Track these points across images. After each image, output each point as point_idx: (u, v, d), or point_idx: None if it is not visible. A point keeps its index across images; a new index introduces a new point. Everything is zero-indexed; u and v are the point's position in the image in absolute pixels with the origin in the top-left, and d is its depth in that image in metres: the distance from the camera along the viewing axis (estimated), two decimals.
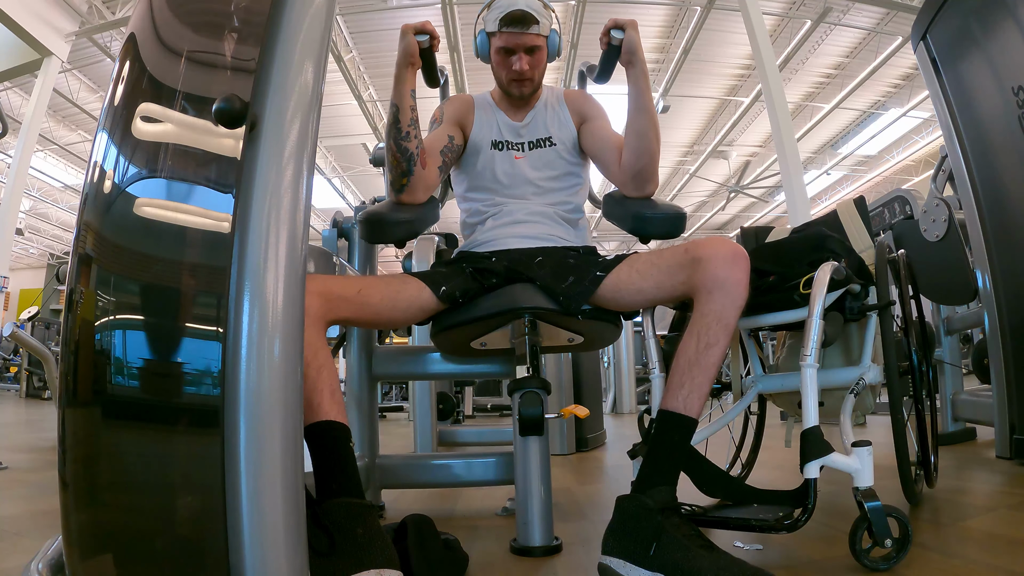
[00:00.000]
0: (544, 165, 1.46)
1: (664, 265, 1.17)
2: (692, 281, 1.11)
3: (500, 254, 1.36)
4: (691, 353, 1.07)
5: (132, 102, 0.81)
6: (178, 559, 0.68)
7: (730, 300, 1.07)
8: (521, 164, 1.46)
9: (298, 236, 0.70)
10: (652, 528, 0.96)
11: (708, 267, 1.08)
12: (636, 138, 1.33)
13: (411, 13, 7.65)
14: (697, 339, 1.07)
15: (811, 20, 7.68)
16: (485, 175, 1.46)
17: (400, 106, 1.28)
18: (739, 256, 1.08)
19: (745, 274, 1.08)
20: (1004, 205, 2.00)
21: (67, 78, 8.63)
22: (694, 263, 1.10)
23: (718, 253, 1.08)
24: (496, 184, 1.45)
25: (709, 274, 1.07)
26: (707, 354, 1.06)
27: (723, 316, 1.07)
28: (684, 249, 1.14)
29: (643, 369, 6.20)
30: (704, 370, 1.06)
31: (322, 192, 12.11)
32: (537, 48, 1.42)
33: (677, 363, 1.09)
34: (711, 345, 1.06)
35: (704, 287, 1.08)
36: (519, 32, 1.38)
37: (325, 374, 1.03)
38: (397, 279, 1.26)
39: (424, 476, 1.66)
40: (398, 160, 1.31)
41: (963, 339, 3.42)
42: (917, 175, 11.66)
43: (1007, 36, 1.88)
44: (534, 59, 1.43)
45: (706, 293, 1.08)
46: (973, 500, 1.59)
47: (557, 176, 1.47)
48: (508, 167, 1.46)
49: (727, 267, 1.07)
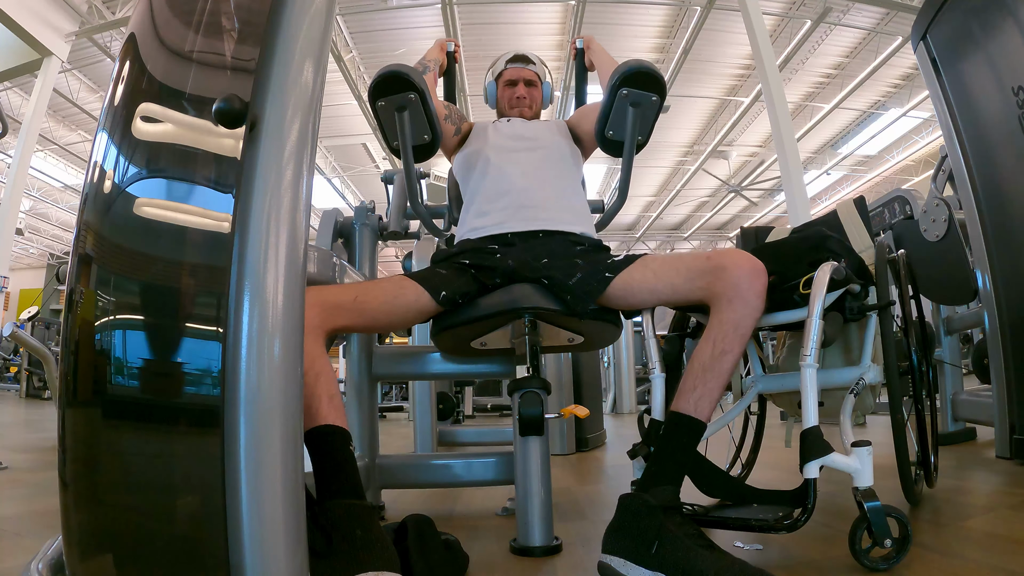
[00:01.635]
0: (543, 160, 1.52)
1: (683, 268, 1.19)
2: (713, 288, 1.12)
3: (504, 247, 1.35)
4: (706, 358, 1.09)
5: (132, 102, 0.81)
6: (178, 559, 0.68)
7: (749, 311, 1.09)
8: (521, 159, 1.51)
9: (298, 236, 0.70)
10: (654, 527, 0.96)
11: (731, 276, 1.10)
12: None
13: (411, 13, 7.65)
14: (713, 345, 1.09)
15: (811, 20, 7.68)
16: (487, 175, 1.49)
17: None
18: (760, 270, 1.11)
19: (764, 288, 1.11)
20: (1004, 205, 2.00)
21: (67, 78, 8.62)
22: (717, 271, 1.12)
23: (742, 264, 1.11)
24: (496, 174, 1.48)
25: (731, 283, 1.09)
26: (721, 360, 1.08)
27: (740, 325, 1.09)
28: (707, 256, 1.16)
29: (643, 369, 6.20)
30: (717, 376, 1.08)
31: (322, 192, 12.11)
32: (534, 83, 1.69)
33: (691, 367, 1.11)
34: (726, 352, 1.08)
35: (725, 295, 1.10)
36: (521, 66, 1.69)
37: (323, 380, 1.04)
38: (394, 283, 1.25)
39: (424, 476, 1.66)
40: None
41: (963, 339, 3.42)
42: (917, 175, 11.65)
43: (1007, 36, 1.88)
44: (531, 91, 1.68)
45: (727, 301, 1.10)
46: (973, 500, 1.59)
47: (556, 170, 1.52)
48: (508, 163, 1.50)
49: (750, 279, 1.09)
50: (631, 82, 1.31)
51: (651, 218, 14.86)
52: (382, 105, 1.32)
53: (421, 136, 1.38)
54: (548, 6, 7.64)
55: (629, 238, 15.66)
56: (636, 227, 15.61)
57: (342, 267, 1.42)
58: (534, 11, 7.74)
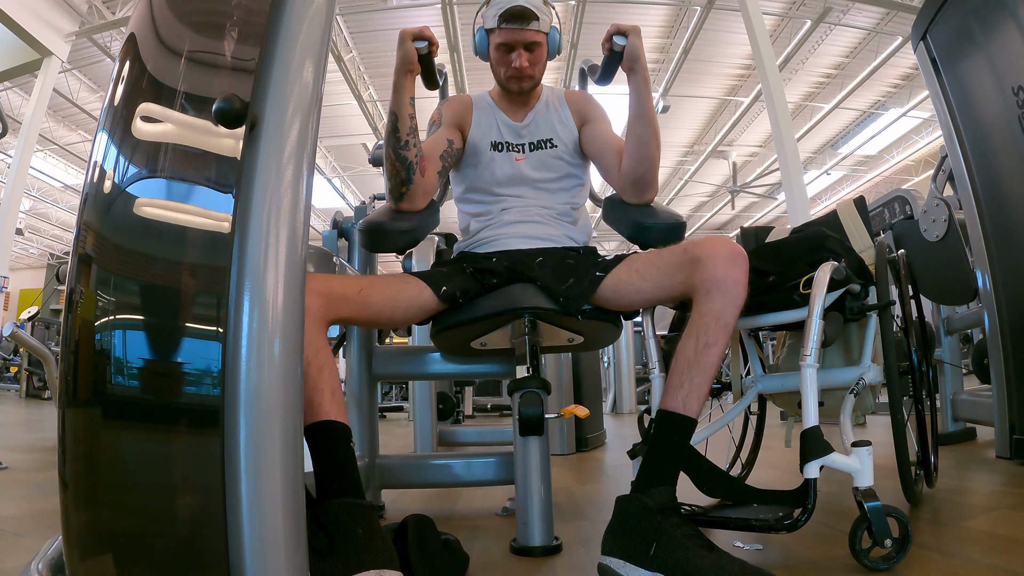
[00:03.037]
0: (544, 167, 1.46)
1: (663, 264, 1.17)
2: (691, 281, 1.10)
3: (501, 255, 1.36)
4: (690, 353, 1.07)
5: (132, 102, 0.81)
6: (178, 559, 0.68)
7: (729, 300, 1.06)
8: (521, 166, 1.45)
9: (298, 236, 0.70)
10: (652, 528, 0.95)
11: (707, 267, 1.07)
12: (636, 144, 1.33)
13: (411, 13, 7.65)
14: (696, 339, 1.07)
15: (811, 20, 7.68)
16: (484, 176, 1.46)
17: (399, 115, 1.26)
18: (738, 256, 1.07)
19: (744, 274, 1.07)
20: (1004, 205, 2.00)
21: (67, 78, 8.63)
22: (693, 263, 1.10)
23: (717, 253, 1.07)
24: (496, 185, 1.45)
25: (708, 274, 1.07)
26: (706, 354, 1.06)
27: (722, 316, 1.06)
28: (683, 249, 1.14)
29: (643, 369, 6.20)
30: (703, 370, 1.06)
31: (322, 192, 12.11)
32: (537, 45, 1.41)
33: (676, 363, 1.08)
34: (710, 345, 1.06)
35: (703, 287, 1.07)
36: (518, 28, 1.37)
37: (326, 373, 1.03)
38: (398, 279, 1.27)
39: (424, 476, 1.66)
40: (397, 169, 1.30)
41: (963, 339, 3.42)
42: (917, 175, 11.66)
43: (1007, 36, 1.88)
44: (534, 56, 1.42)
45: (705, 293, 1.07)
46: (973, 500, 1.59)
47: (557, 178, 1.47)
48: (508, 168, 1.45)
49: (726, 267, 1.06)
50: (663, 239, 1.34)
51: None
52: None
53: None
54: None
55: None
56: None
57: (342, 267, 1.42)
58: None
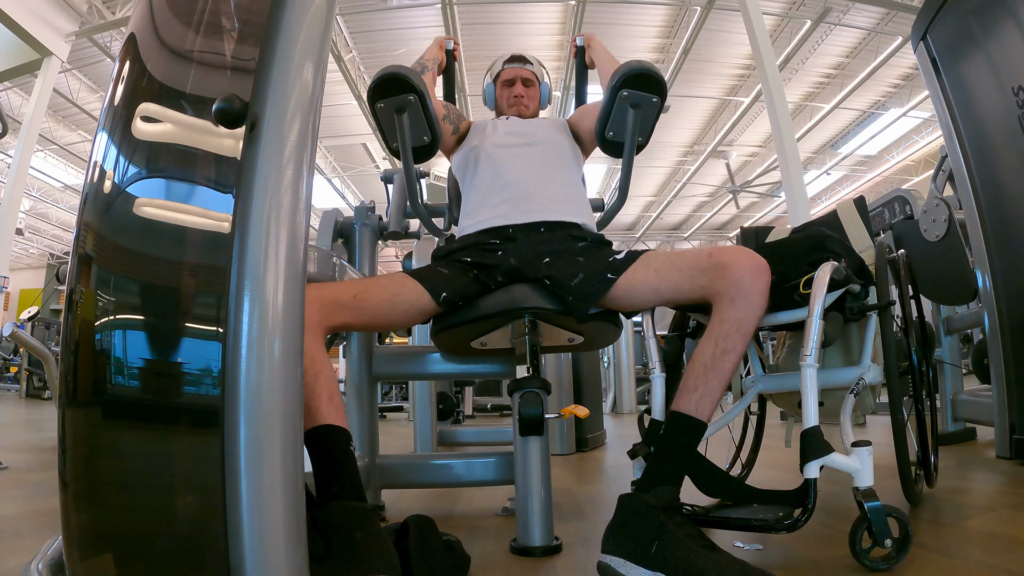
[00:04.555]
0: (542, 155, 1.52)
1: (684, 267, 1.17)
2: (715, 286, 1.10)
3: (506, 241, 1.35)
4: (707, 358, 1.08)
5: (132, 102, 0.81)
6: (178, 559, 0.68)
7: (751, 309, 1.07)
8: (520, 154, 1.50)
9: (298, 236, 0.70)
10: (654, 527, 0.95)
11: (733, 274, 1.08)
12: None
13: (411, 13, 7.66)
14: (715, 344, 1.08)
15: (811, 20, 7.68)
16: (486, 170, 1.49)
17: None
18: (763, 268, 1.09)
19: (767, 286, 1.09)
20: (1004, 205, 2.00)
21: (67, 78, 8.62)
22: (719, 268, 1.10)
23: (745, 262, 1.09)
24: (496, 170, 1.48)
25: (734, 281, 1.08)
26: (723, 360, 1.07)
27: (743, 324, 1.07)
28: (708, 254, 1.14)
29: (643, 369, 6.20)
30: (718, 375, 1.07)
31: (322, 192, 12.11)
32: (531, 82, 1.71)
33: (692, 366, 1.09)
34: (728, 351, 1.07)
35: (727, 293, 1.08)
36: (518, 66, 1.71)
37: (323, 379, 1.03)
38: (395, 281, 1.25)
39: (424, 476, 1.66)
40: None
41: (963, 339, 3.42)
42: (917, 175, 11.65)
43: (1007, 36, 1.88)
44: (529, 91, 1.70)
45: (728, 300, 1.08)
46: (973, 500, 1.59)
47: (556, 165, 1.51)
48: (508, 159, 1.49)
49: (752, 277, 1.07)
50: (632, 83, 1.30)
51: (651, 218, 14.86)
52: (381, 107, 1.32)
53: (420, 137, 1.37)
54: (548, 6, 7.64)
55: (629, 238, 15.65)
56: (636, 227, 15.61)
57: (342, 267, 1.42)
58: (534, 11, 7.74)
